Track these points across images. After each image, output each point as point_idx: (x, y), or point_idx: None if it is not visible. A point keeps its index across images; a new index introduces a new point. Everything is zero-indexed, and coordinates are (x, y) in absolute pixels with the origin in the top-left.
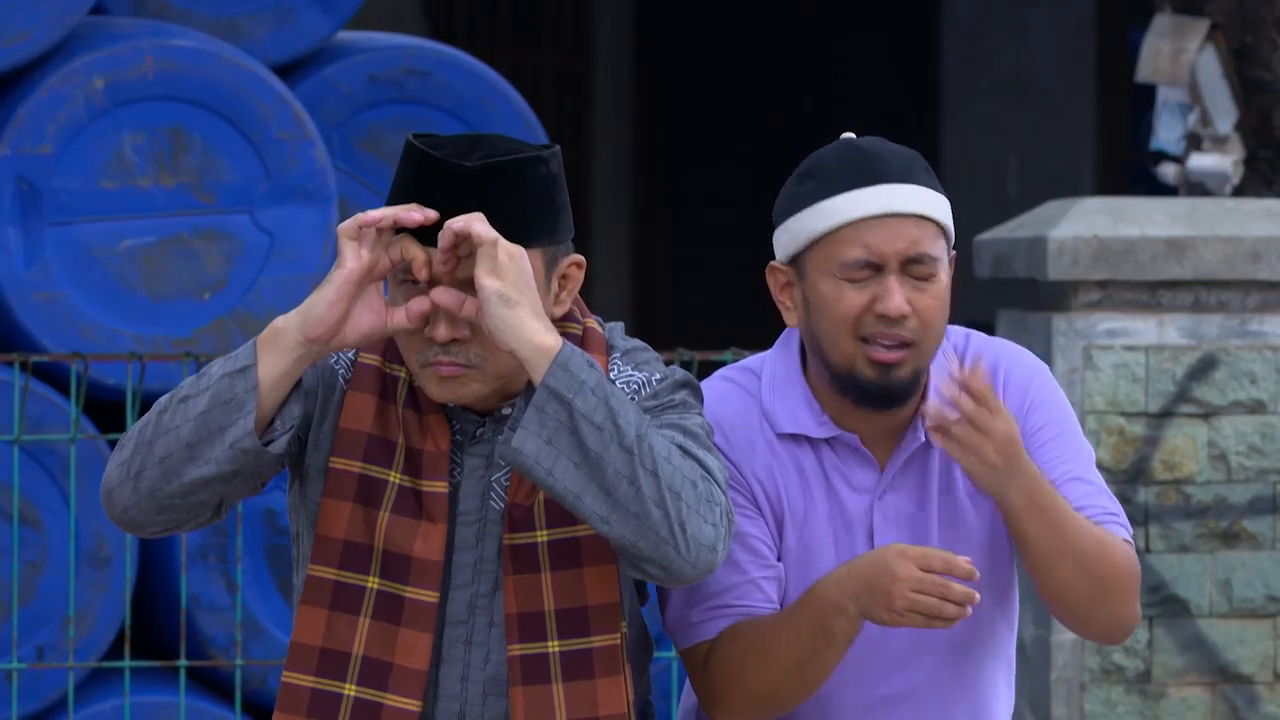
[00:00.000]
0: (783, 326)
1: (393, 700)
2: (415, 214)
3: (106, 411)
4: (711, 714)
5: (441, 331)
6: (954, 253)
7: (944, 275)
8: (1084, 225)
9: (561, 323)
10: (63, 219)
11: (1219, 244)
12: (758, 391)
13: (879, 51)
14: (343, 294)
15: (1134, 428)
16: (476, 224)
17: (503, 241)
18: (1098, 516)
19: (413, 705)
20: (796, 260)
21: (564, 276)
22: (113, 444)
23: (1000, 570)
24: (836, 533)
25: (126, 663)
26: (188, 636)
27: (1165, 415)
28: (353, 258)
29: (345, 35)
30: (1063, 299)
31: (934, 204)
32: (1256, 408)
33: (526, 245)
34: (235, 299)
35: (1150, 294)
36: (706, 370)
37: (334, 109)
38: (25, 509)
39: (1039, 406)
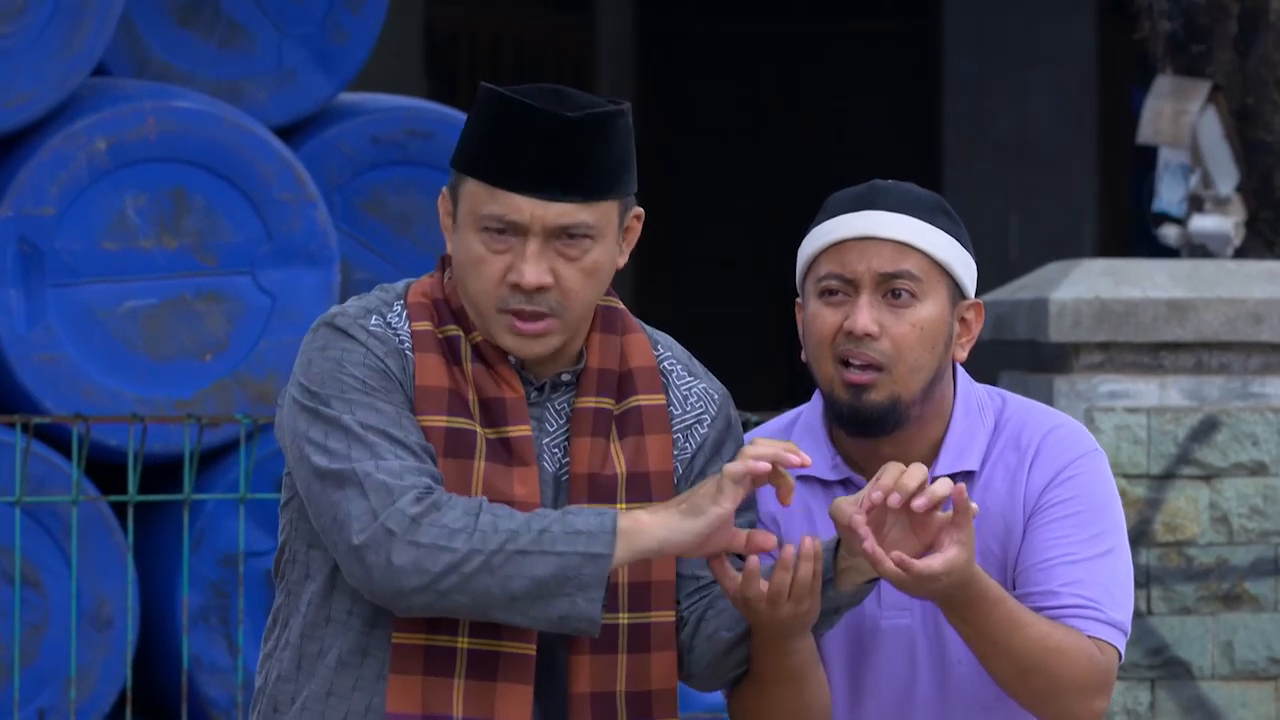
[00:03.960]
0: (780, 385)
1: (509, 647)
2: (794, 457)
3: (108, 473)
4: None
5: (530, 277)
6: (973, 302)
7: (930, 307)
8: (1085, 287)
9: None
10: (65, 280)
11: (1221, 306)
12: (788, 438)
13: (880, 112)
14: (714, 528)
15: (1136, 490)
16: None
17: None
18: (1068, 610)
19: (528, 649)
20: (802, 290)
21: (628, 229)
22: (114, 506)
23: None
24: None
25: None
26: (189, 698)
27: (1167, 477)
28: (731, 500)
29: (347, 97)
30: (1064, 361)
31: (925, 236)
32: (1258, 469)
33: (609, 196)
34: (237, 360)
35: (1152, 356)
36: None
37: (336, 170)
38: (27, 570)
39: (1066, 483)
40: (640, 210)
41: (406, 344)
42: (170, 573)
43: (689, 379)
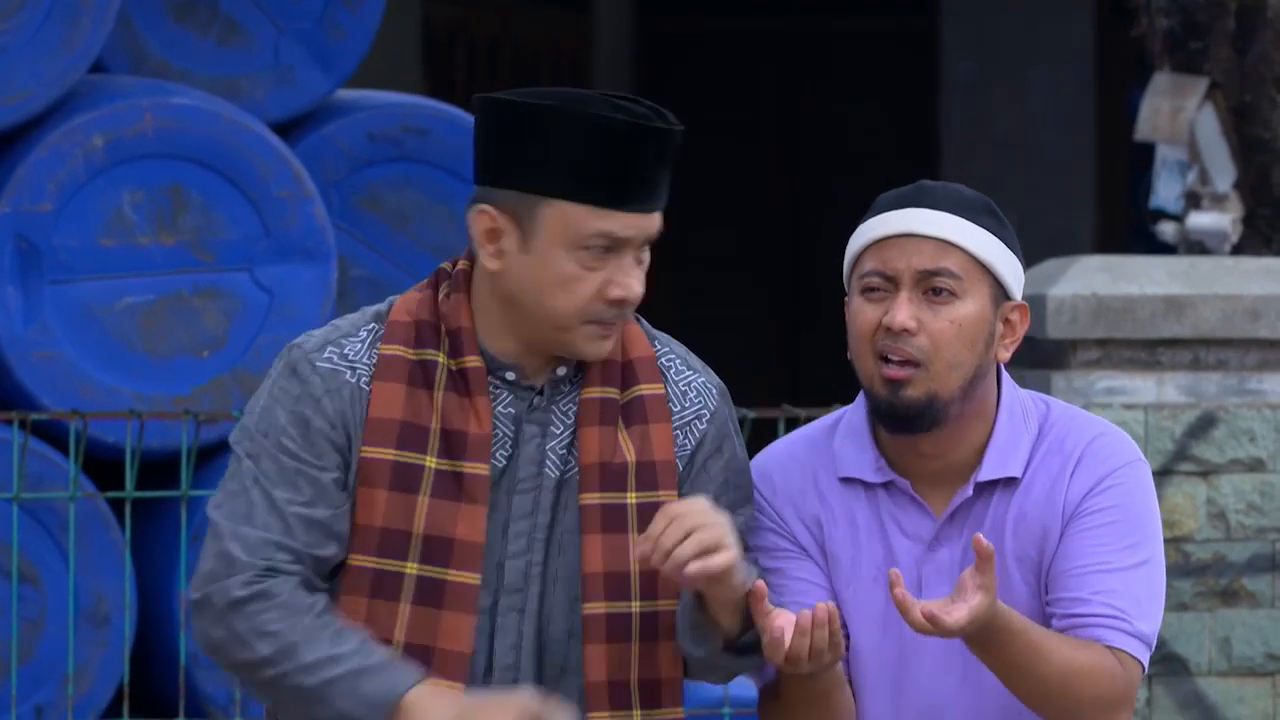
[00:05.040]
0: (779, 384)
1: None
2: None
3: (105, 469)
4: None
5: (637, 289)
6: (1018, 303)
7: (970, 305)
8: (1083, 283)
9: None
10: (62, 277)
11: (1218, 302)
12: (829, 439)
13: (879, 112)
14: None
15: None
16: None
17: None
18: (1096, 619)
19: (455, 689)
20: (847, 286)
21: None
22: (112, 502)
23: None
24: (887, 583)
25: None
26: (186, 694)
27: (1164, 473)
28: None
29: (344, 93)
30: (1061, 357)
31: (967, 234)
32: (1255, 466)
33: (662, 207)
34: (235, 357)
35: (1149, 352)
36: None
37: (333, 167)
38: (24, 567)
39: (1107, 491)
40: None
41: (363, 375)
42: (168, 569)
43: (688, 373)
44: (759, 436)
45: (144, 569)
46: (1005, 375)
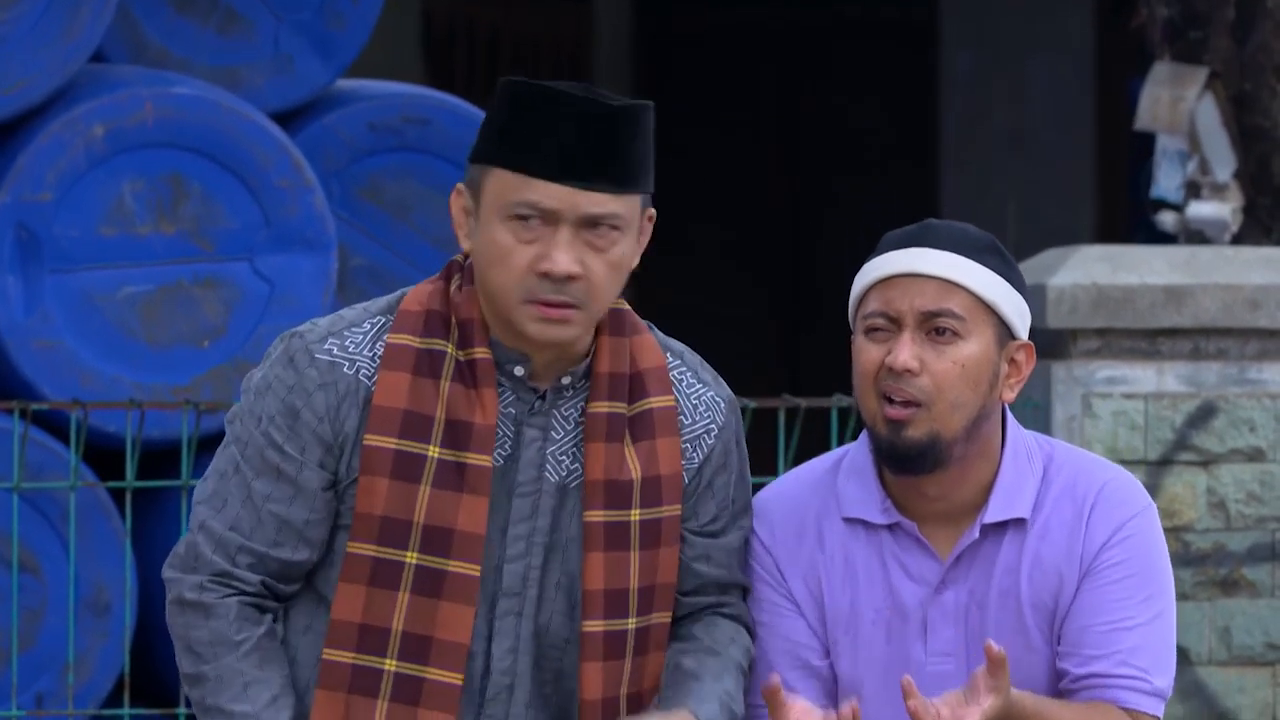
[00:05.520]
0: (777, 378)
1: (434, 674)
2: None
3: (106, 459)
4: None
5: (562, 265)
6: (1023, 343)
7: (973, 346)
8: (1083, 273)
9: None
10: (62, 266)
11: (1218, 292)
12: (833, 478)
13: (878, 104)
14: None
15: (1133, 475)
16: None
17: None
18: (1119, 681)
19: (454, 679)
20: (852, 325)
21: (641, 229)
22: (112, 492)
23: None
24: (890, 625)
25: (126, 710)
26: None
27: (1164, 463)
28: None
29: (344, 83)
30: (1061, 347)
31: (971, 274)
32: (1255, 455)
33: (636, 189)
34: (235, 347)
35: (1149, 342)
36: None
37: (333, 157)
38: (25, 556)
39: (1123, 544)
40: (653, 211)
41: (362, 368)
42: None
43: (699, 386)
44: (759, 427)
45: (144, 558)
46: (1010, 416)
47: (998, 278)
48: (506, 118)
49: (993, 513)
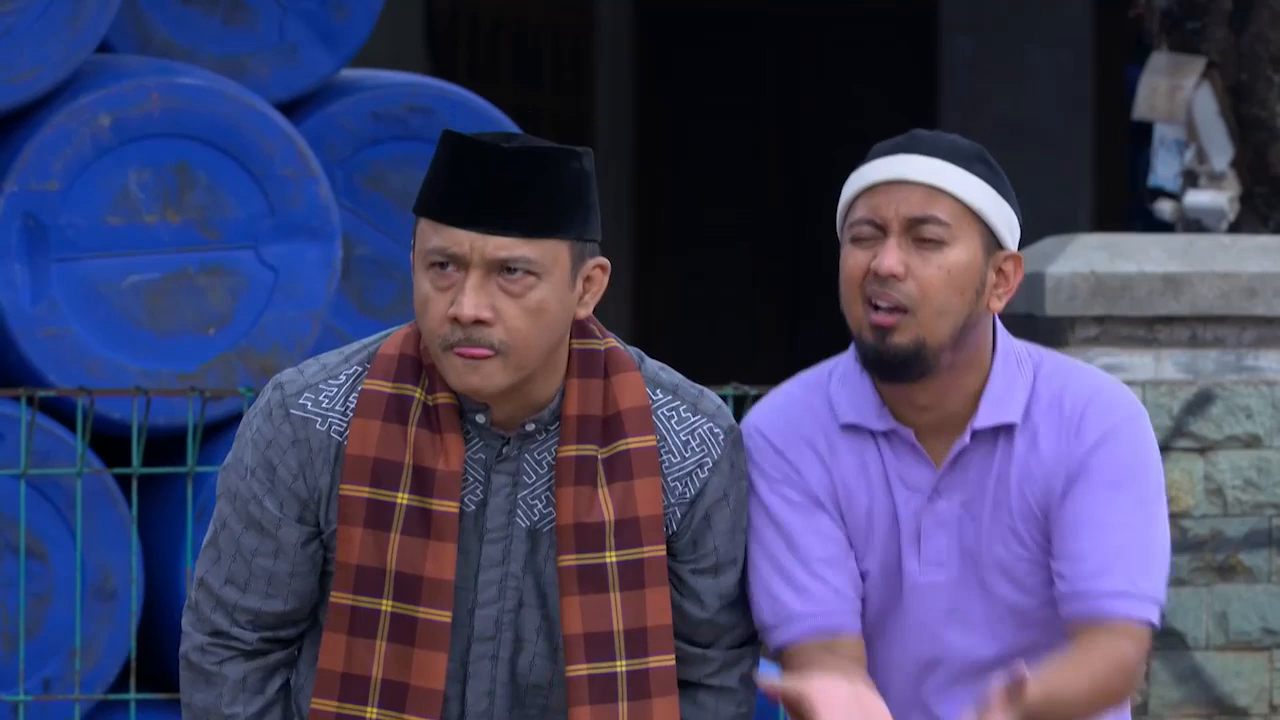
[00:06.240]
0: (779, 367)
1: None
2: None
3: (112, 445)
4: None
5: (466, 309)
6: (1011, 253)
7: (959, 252)
8: (1081, 261)
9: (580, 339)
10: (69, 255)
11: (1215, 280)
12: (827, 387)
13: (878, 92)
14: None
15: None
16: None
17: None
18: (1106, 597)
19: None
20: (840, 235)
21: (588, 278)
22: (118, 478)
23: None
24: (888, 529)
25: (133, 695)
26: None
27: (1162, 449)
28: None
29: (349, 73)
30: (1060, 334)
31: (957, 181)
32: (1253, 442)
33: (554, 234)
34: (240, 334)
35: (1147, 329)
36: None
37: (337, 146)
38: (31, 543)
39: (1109, 449)
40: (605, 261)
41: (334, 424)
42: (174, 544)
43: (694, 419)
44: None
45: (150, 544)
46: (999, 324)
47: (985, 185)
48: (430, 169)
49: (983, 418)
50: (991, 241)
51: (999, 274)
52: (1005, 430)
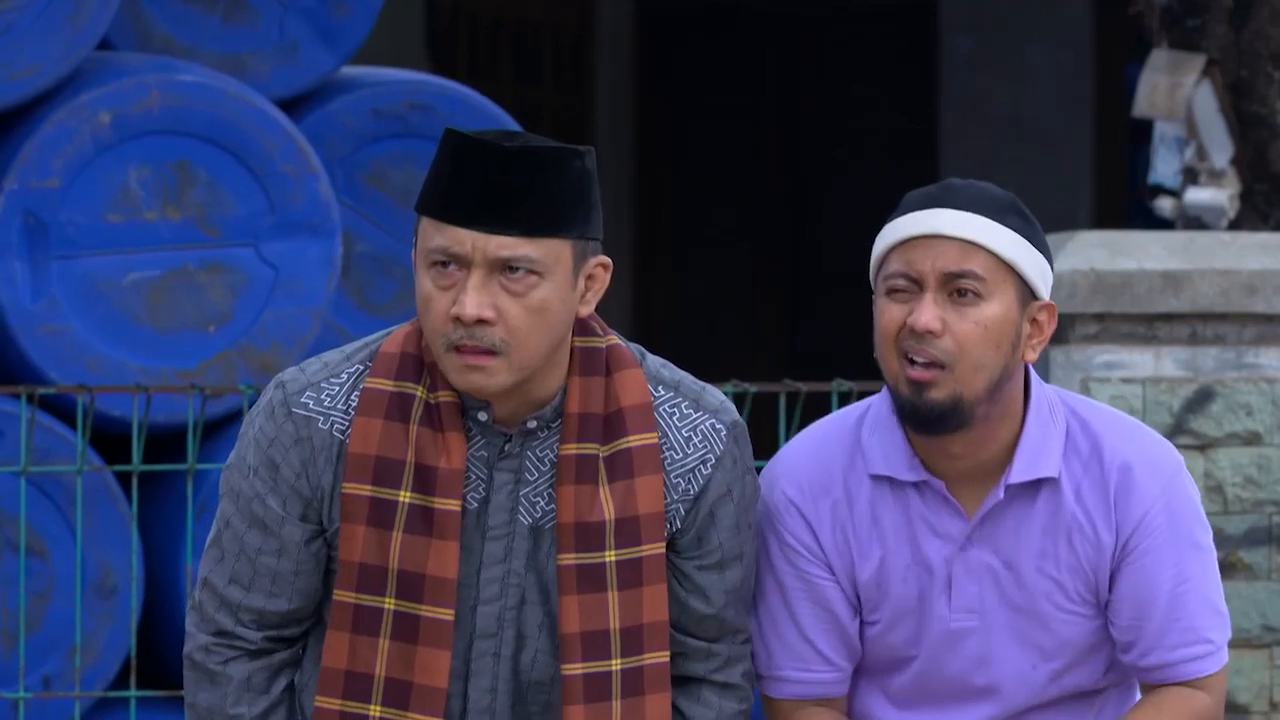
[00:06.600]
0: (779, 366)
1: (415, 718)
2: None
3: (112, 443)
4: None
5: (469, 309)
6: (1045, 303)
7: (995, 306)
8: (1081, 258)
9: (582, 336)
10: (69, 252)
11: (1215, 277)
12: (858, 434)
13: (878, 90)
14: None
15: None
16: None
17: None
18: (1190, 663)
19: None
20: (874, 286)
21: (590, 277)
22: (118, 476)
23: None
24: (920, 580)
25: (133, 692)
26: None
27: None
28: None
29: (349, 70)
30: (1060, 331)
31: (992, 235)
32: (1253, 439)
33: (556, 233)
34: (240, 332)
35: (1147, 327)
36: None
37: (338, 143)
38: (31, 540)
39: (1163, 508)
40: (607, 260)
41: (336, 422)
42: (174, 542)
43: (696, 415)
44: (759, 412)
45: (151, 542)
46: (1033, 374)
47: (1019, 238)
48: (432, 167)
49: (1018, 473)
50: (1026, 293)
51: (1034, 324)
52: (1047, 483)
